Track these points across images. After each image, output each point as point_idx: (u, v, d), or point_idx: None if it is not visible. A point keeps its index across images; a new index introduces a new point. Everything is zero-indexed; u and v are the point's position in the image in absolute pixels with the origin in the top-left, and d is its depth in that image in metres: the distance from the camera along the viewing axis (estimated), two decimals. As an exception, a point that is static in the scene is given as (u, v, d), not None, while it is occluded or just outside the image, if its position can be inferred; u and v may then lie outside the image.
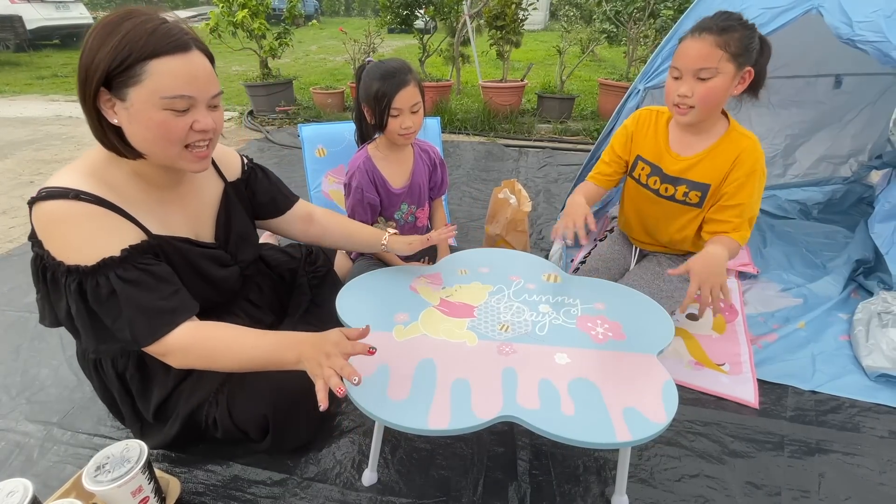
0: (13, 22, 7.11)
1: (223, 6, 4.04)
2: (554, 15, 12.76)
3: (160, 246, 0.92)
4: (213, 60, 0.88)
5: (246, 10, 3.98)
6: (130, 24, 0.77)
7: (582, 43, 4.86)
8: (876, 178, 2.41)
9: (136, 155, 0.86)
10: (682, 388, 1.31)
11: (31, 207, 0.83)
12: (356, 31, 5.03)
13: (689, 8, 1.66)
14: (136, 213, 0.89)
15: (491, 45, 4.32)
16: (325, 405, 0.77)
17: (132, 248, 0.86)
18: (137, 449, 0.88)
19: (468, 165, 3.23)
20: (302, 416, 1.08)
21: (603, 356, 0.95)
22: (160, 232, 0.93)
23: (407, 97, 1.27)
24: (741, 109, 2.18)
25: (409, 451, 1.12)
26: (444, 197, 1.71)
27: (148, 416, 1.04)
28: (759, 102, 2.37)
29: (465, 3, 4.57)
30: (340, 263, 1.55)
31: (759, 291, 1.74)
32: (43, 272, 0.85)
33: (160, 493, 0.93)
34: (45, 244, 0.83)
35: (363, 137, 1.47)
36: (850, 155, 2.43)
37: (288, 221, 1.22)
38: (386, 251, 1.26)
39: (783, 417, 1.23)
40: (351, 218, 1.48)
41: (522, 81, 4.29)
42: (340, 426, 1.19)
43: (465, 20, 4.55)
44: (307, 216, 1.25)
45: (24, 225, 2.34)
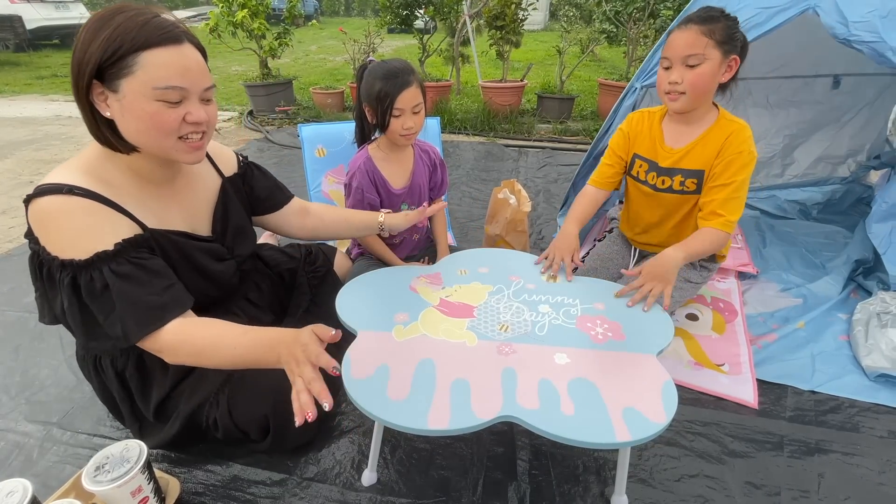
0: (13, 22, 7.11)
1: (223, 6, 4.04)
2: (554, 15, 12.77)
3: (155, 240, 0.92)
4: (205, 55, 0.89)
5: (246, 10, 3.98)
6: (123, 17, 0.78)
7: (582, 43, 4.86)
8: (875, 178, 2.42)
9: (129, 148, 0.86)
10: (681, 388, 1.31)
11: (27, 205, 0.83)
12: (356, 31, 5.03)
13: (686, 7, 1.66)
14: (131, 207, 0.89)
15: (491, 45, 4.32)
16: (299, 421, 0.72)
17: (126, 241, 0.86)
18: (137, 449, 0.88)
19: (468, 165, 3.23)
20: None
21: (603, 356, 0.95)
22: (156, 226, 0.93)
23: (409, 98, 1.27)
24: (738, 110, 2.18)
25: (408, 451, 1.12)
26: (443, 197, 1.71)
27: (148, 415, 1.04)
28: (757, 102, 2.37)
29: (464, 3, 4.58)
30: (340, 263, 1.55)
31: (758, 291, 1.74)
32: (40, 268, 0.85)
33: (160, 493, 0.93)
34: (40, 240, 0.83)
35: (364, 137, 1.47)
36: (848, 155, 2.43)
37: (285, 217, 1.24)
38: (383, 230, 1.30)
39: (783, 417, 1.23)
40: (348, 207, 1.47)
41: (522, 81, 4.29)
42: (340, 426, 1.19)
43: (464, 20, 4.55)
44: (303, 210, 1.27)
45: (23, 225, 2.33)
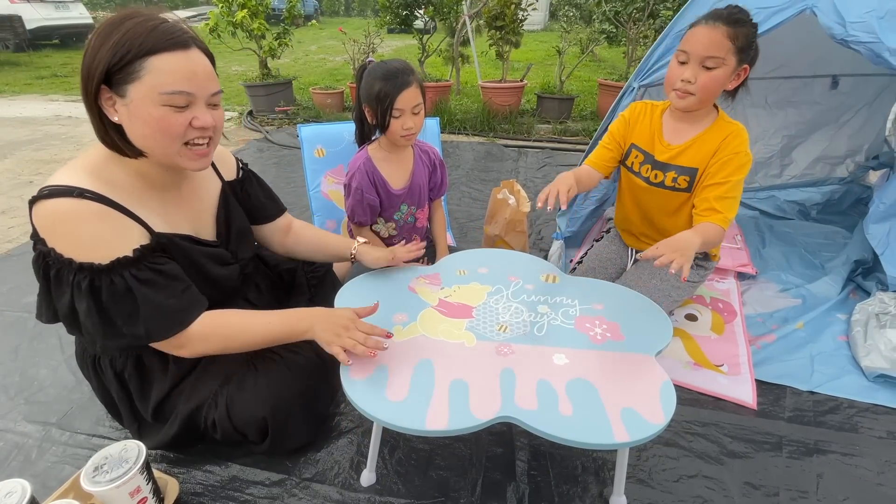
0: (13, 22, 7.11)
1: (223, 6, 4.04)
2: (553, 15, 12.77)
3: (164, 244, 0.93)
4: (213, 60, 0.89)
5: (245, 10, 3.98)
6: (132, 23, 0.79)
7: (581, 43, 4.87)
8: (874, 178, 2.42)
9: (137, 153, 0.87)
10: (680, 388, 1.31)
11: (31, 206, 0.83)
12: (356, 31, 5.03)
13: (684, 6, 1.66)
14: (138, 211, 0.90)
15: (490, 45, 4.32)
16: (351, 362, 0.88)
17: (143, 248, 0.87)
18: (136, 449, 0.88)
19: (467, 166, 3.23)
20: (301, 418, 1.08)
21: (601, 357, 0.95)
22: (163, 230, 0.94)
23: (409, 98, 1.27)
24: (736, 110, 2.18)
25: (407, 451, 1.12)
26: (443, 197, 1.71)
27: (147, 415, 1.04)
28: (755, 103, 2.37)
29: (464, 3, 4.58)
30: (339, 263, 1.55)
31: (757, 292, 1.74)
32: (46, 269, 0.85)
33: (158, 493, 0.93)
34: (49, 241, 0.82)
35: (363, 138, 1.47)
36: (846, 155, 2.43)
37: (271, 231, 1.25)
38: (353, 260, 1.26)
39: (781, 418, 1.23)
40: (350, 218, 1.48)
41: (522, 82, 4.30)
42: (339, 427, 1.19)
43: (464, 20, 4.56)
44: (286, 228, 1.28)
45: (23, 225, 2.34)
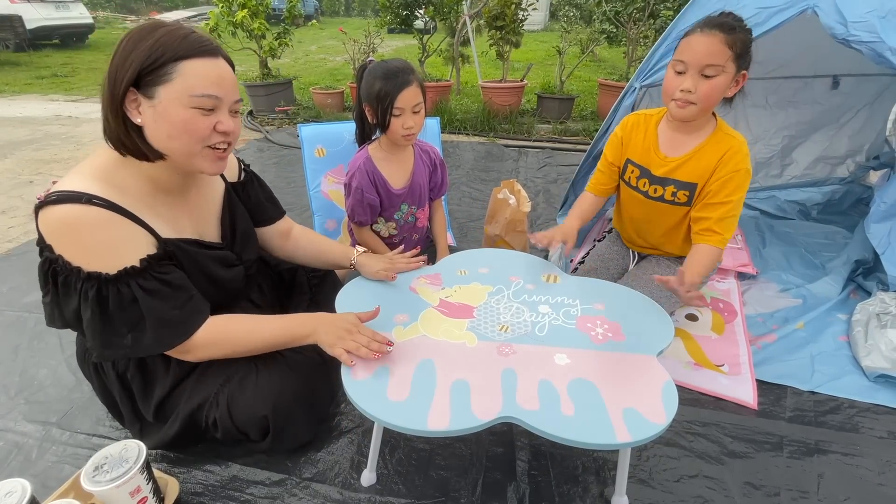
0: (13, 21, 7.11)
1: (223, 6, 4.04)
2: (554, 15, 12.78)
3: (171, 250, 0.94)
4: (234, 70, 0.93)
5: (246, 10, 3.98)
6: (164, 30, 0.83)
7: (582, 43, 4.86)
8: (874, 178, 2.42)
9: (156, 155, 0.88)
10: (680, 388, 1.30)
11: (38, 211, 0.82)
12: (356, 31, 5.03)
13: (686, 6, 1.66)
14: (146, 216, 0.90)
15: (490, 45, 4.32)
16: (354, 363, 0.90)
17: (150, 257, 0.89)
18: (136, 449, 0.87)
19: (468, 165, 3.23)
20: (302, 417, 1.08)
21: (602, 357, 0.95)
22: (169, 235, 0.94)
23: (409, 97, 1.27)
24: (737, 110, 2.18)
25: (408, 451, 1.12)
26: (443, 197, 1.71)
27: (148, 415, 1.04)
28: (756, 103, 2.37)
29: (464, 3, 4.58)
30: (340, 264, 1.55)
31: (758, 292, 1.74)
32: (53, 276, 0.85)
33: (159, 493, 0.93)
34: (56, 248, 0.82)
35: (364, 137, 1.47)
36: (847, 155, 2.43)
37: (271, 234, 1.25)
38: (354, 269, 1.26)
39: (782, 418, 1.23)
40: (350, 218, 1.48)
41: (522, 82, 4.30)
42: (339, 426, 1.19)
43: (464, 20, 4.56)
44: (286, 232, 1.28)
45: (23, 225, 2.34)
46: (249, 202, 1.18)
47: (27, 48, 7.60)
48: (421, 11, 4.62)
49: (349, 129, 1.83)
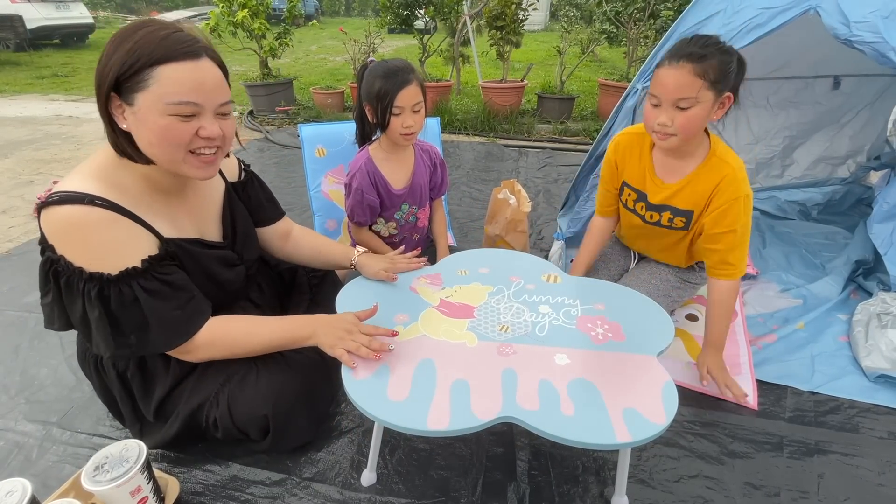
0: (13, 21, 7.12)
1: (223, 6, 4.04)
2: (554, 15, 12.78)
3: (172, 250, 0.94)
4: (226, 71, 0.90)
5: (246, 10, 3.99)
6: (144, 31, 0.79)
7: (582, 43, 4.87)
8: (875, 178, 2.41)
9: (146, 160, 0.87)
10: (681, 388, 1.31)
11: (40, 212, 0.82)
12: (356, 31, 5.03)
13: (687, 7, 1.66)
14: (147, 216, 0.90)
15: (491, 45, 4.32)
16: (355, 364, 0.90)
17: (151, 258, 0.89)
18: (136, 449, 0.87)
19: (468, 166, 3.23)
20: (302, 416, 1.08)
21: (603, 357, 0.95)
22: (171, 235, 0.94)
23: (409, 96, 1.27)
24: (738, 111, 2.16)
25: (408, 451, 1.12)
26: (443, 197, 1.70)
27: (149, 415, 1.04)
28: (757, 103, 2.37)
29: (465, 3, 4.58)
30: (340, 263, 1.55)
31: (758, 292, 1.74)
32: (55, 276, 0.85)
33: (159, 493, 0.93)
34: (58, 248, 0.82)
35: (364, 138, 1.47)
36: (848, 156, 2.43)
37: (271, 234, 1.25)
38: (354, 269, 1.26)
39: (782, 418, 1.23)
40: (349, 218, 1.48)
41: (522, 82, 4.30)
42: (340, 426, 1.19)
43: (465, 20, 4.56)
44: (286, 233, 1.28)
45: (23, 225, 2.34)
46: (249, 202, 1.18)
47: (27, 48, 7.62)
48: (421, 11, 4.63)
49: (349, 129, 1.83)
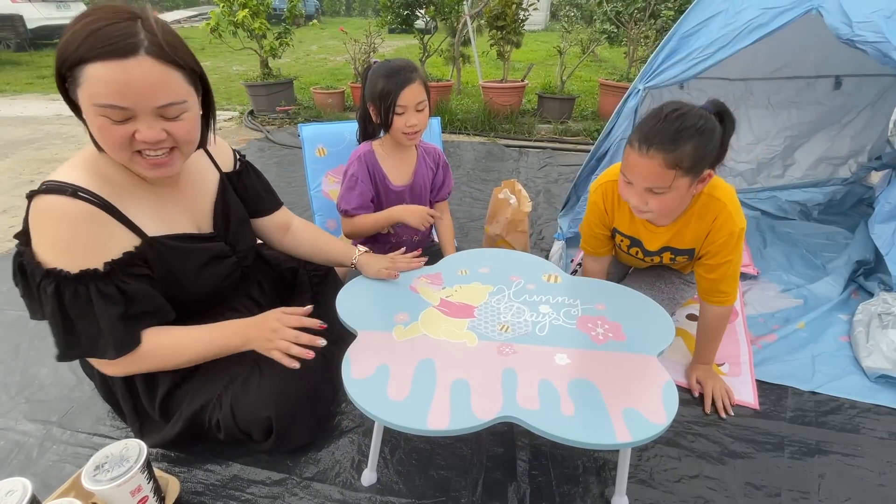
0: (14, 21, 7.13)
1: (224, 6, 4.04)
2: (554, 15, 12.78)
3: (154, 247, 0.92)
4: (187, 67, 0.81)
5: (246, 9, 3.98)
6: (81, 23, 0.74)
7: (582, 43, 4.86)
8: (875, 179, 2.41)
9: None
10: (681, 388, 1.31)
11: (30, 200, 0.82)
12: (357, 31, 5.03)
13: (689, 8, 1.66)
14: (133, 211, 0.89)
15: (491, 45, 4.32)
16: (296, 364, 0.91)
17: (115, 262, 0.85)
18: (136, 448, 0.87)
19: (468, 165, 3.23)
20: (304, 418, 1.08)
21: (603, 357, 0.94)
22: (156, 232, 0.93)
23: (412, 95, 1.27)
24: (739, 111, 2.14)
25: (408, 451, 1.12)
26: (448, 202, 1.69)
27: (153, 413, 1.04)
28: (758, 103, 2.36)
29: (465, 3, 4.58)
30: (341, 263, 1.55)
31: (758, 292, 1.74)
32: (21, 268, 0.84)
33: (159, 492, 0.93)
34: (32, 238, 0.82)
35: (366, 137, 1.47)
36: (849, 156, 2.43)
37: (268, 226, 1.23)
38: (355, 268, 1.25)
39: (783, 418, 1.22)
40: (337, 206, 1.43)
41: (523, 82, 4.29)
42: (340, 426, 1.19)
43: (465, 20, 4.55)
44: (285, 225, 1.26)
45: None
46: (245, 192, 1.16)
47: (28, 48, 7.62)
48: (422, 11, 4.63)
49: (350, 128, 1.83)
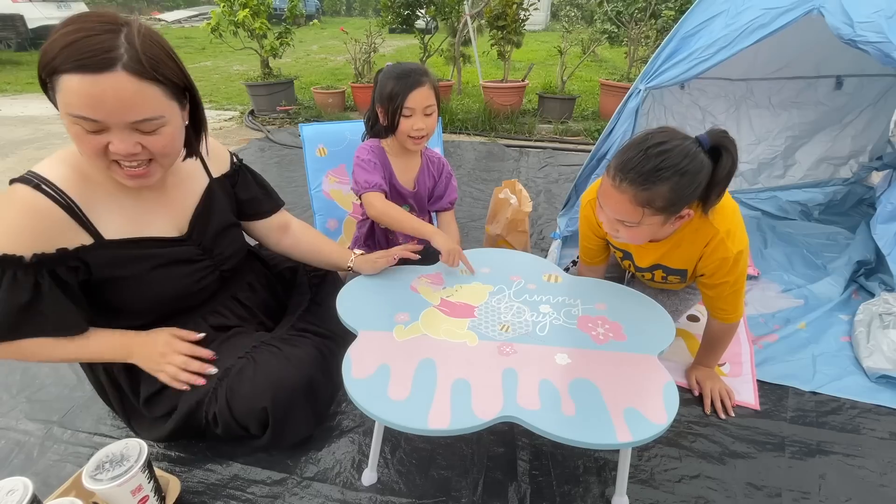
0: (14, 21, 7.14)
1: (224, 5, 4.04)
2: (555, 15, 12.77)
3: (108, 250, 0.90)
4: (168, 83, 0.80)
5: (247, 9, 3.99)
6: (61, 32, 0.74)
7: (583, 43, 4.87)
8: (876, 179, 2.41)
9: None
10: (682, 388, 1.31)
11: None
12: (357, 30, 5.03)
13: (690, 8, 1.66)
14: (100, 211, 0.88)
15: (492, 45, 4.32)
16: (186, 387, 0.93)
17: (44, 255, 0.84)
18: (137, 448, 0.88)
19: (469, 165, 3.23)
20: (301, 410, 1.08)
21: (604, 357, 0.94)
22: (119, 234, 0.91)
23: (421, 97, 1.26)
24: (740, 111, 2.13)
25: (409, 450, 1.12)
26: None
27: (140, 407, 1.06)
28: (759, 103, 2.35)
29: (466, 3, 4.58)
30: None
31: (759, 292, 1.74)
32: None
33: (160, 492, 0.93)
34: None
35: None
36: (850, 156, 2.43)
37: (266, 228, 1.22)
38: (350, 270, 1.24)
39: (784, 418, 1.22)
40: (356, 189, 1.36)
41: (523, 82, 4.29)
42: (340, 426, 1.19)
43: (466, 20, 4.55)
44: (284, 226, 1.25)
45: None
46: (240, 195, 1.15)
47: (29, 47, 7.62)
48: (422, 11, 4.63)
49: (350, 128, 1.83)
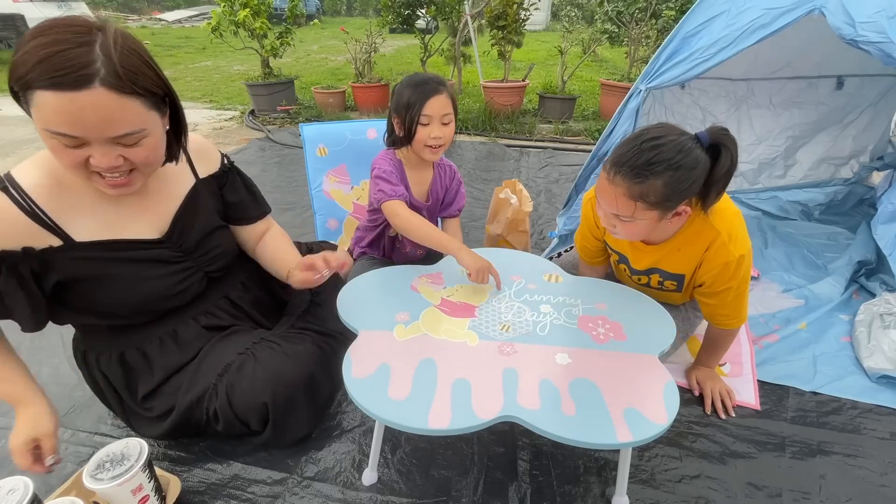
0: (15, 21, 7.13)
1: (225, 5, 4.04)
2: (555, 15, 12.77)
3: (78, 251, 0.89)
4: (147, 94, 0.78)
5: (247, 9, 3.99)
6: (33, 44, 0.70)
7: (583, 43, 4.87)
8: (877, 179, 2.41)
9: None
10: (682, 388, 1.31)
11: None
12: (358, 30, 5.03)
13: (691, 8, 1.66)
14: (70, 215, 0.87)
15: (492, 45, 4.32)
16: (42, 470, 0.87)
17: (4, 252, 0.82)
18: (138, 447, 0.88)
19: (469, 165, 3.23)
20: (301, 406, 1.08)
21: (604, 357, 0.94)
22: (91, 237, 0.90)
23: (438, 105, 1.25)
24: (741, 111, 2.13)
25: (409, 450, 1.12)
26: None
27: (135, 407, 1.06)
28: (760, 103, 2.35)
29: (466, 2, 4.58)
30: (344, 262, 1.54)
31: (760, 292, 1.73)
32: None
33: (160, 491, 0.93)
34: None
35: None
36: (851, 156, 2.43)
37: (247, 234, 1.19)
38: (287, 282, 1.16)
39: (784, 418, 1.22)
40: (381, 198, 1.31)
41: (524, 81, 4.29)
42: (341, 425, 1.19)
43: (466, 20, 4.55)
44: (261, 234, 1.22)
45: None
46: (228, 198, 1.13)
47: (30, 47, 7.62)
48: (422, 11, 4.63)
49: (351, 128, 1.83)
